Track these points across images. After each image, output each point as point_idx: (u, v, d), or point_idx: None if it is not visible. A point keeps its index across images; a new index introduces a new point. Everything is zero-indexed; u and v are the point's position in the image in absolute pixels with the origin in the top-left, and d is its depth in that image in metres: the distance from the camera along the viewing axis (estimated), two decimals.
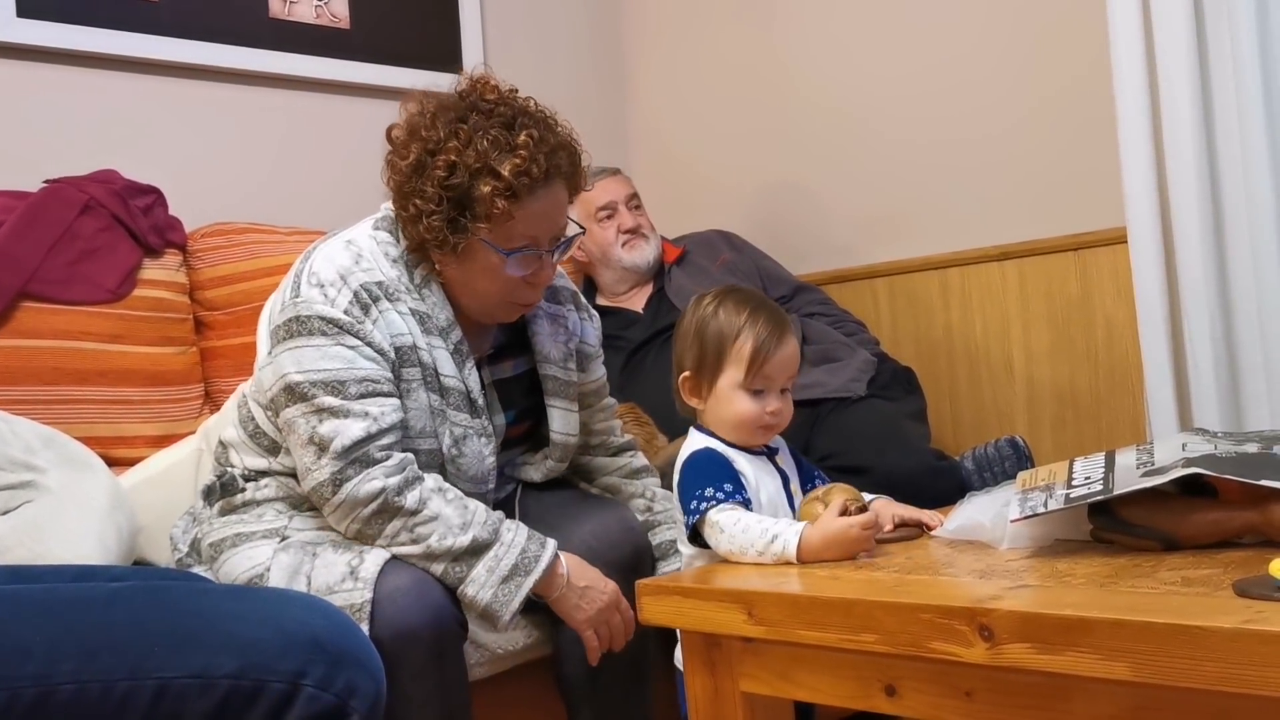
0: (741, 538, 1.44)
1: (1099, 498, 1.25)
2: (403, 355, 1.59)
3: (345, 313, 1.55)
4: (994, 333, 2.68)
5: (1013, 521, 1.31)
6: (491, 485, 1.70)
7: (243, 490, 1.67)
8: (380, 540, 1.53)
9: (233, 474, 1.69)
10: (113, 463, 1.93)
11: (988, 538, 1.38)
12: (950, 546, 1.42)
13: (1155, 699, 1.00)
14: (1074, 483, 1.30)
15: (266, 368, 1.60)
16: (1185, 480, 1.24)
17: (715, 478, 1.50)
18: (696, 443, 1.57)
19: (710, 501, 1.48)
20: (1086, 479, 1.30)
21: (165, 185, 2.30)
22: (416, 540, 1.52)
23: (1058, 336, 2.58)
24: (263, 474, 1.67)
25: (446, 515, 1.53)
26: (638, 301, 2.70)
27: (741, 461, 1.54)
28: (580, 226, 1.73)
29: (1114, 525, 1.26)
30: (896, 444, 2.24)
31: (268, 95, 2.66)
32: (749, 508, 1.48)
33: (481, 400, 1.65)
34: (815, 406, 2.32)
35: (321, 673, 1.03)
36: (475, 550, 1.53)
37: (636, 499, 1.86)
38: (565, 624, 1.62)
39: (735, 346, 1.53)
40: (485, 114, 1.58)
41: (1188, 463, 1.23)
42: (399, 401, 1.57)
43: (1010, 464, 2.22)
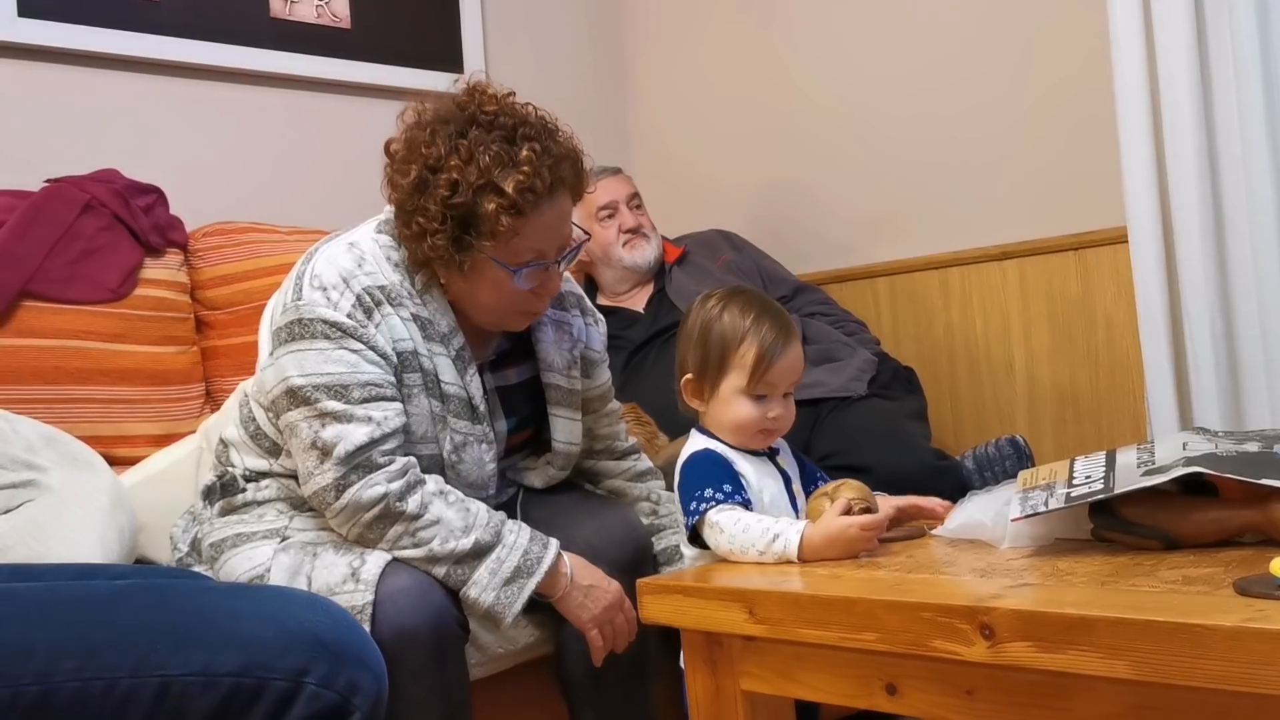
0: (742, 537, 1.43)
1: (1100, 497, 1.25)
2: (404, 360, 1.58)
3: (349, 316, 1.54)
4: (994, 332, 2.68)
5: (1013, 520, 1.31)
6: (492, 491, 1.69)
7: (243, 491, 1.67)
8: (382, 544, 1.53)
9: (233, 474, 1.69)
10: (114, 462, 1.93)
11: (988, 537, 1.38)
12: (951, 545, 1.42)
13: (1156, 697, 1.01)
14: (1075, 482, 1.30)
15: (268, 369, 1.59)
16: (1186, 479, 1.24)
17: (715, 479, 1.49)
18: (697, 444, 1.56)
19: (709, 502, 1.47)
20: (1087, 478, 1.30)
21: (166, 185, 2.31)
22: (418, 544, 1.52)
23: (1058, 336, 2.58)
24: (263, 475, 1.67)
25: (448, 519, 1.53)
26: (639, 301, 2.70)
27: (742, 463, 1.53)
28: (585, 232, 1.72)
29: (1115, 524, 1.26)
30: (897, 443, 2.24)
31: (269, 95, 2.67)
32: (749, 508, 1.48)
33: (483, 407, 1.64)
34: (816, 406, 2.32)
35: (324, 671, 1.03)
36: (478, 553, 1.53)
37: (641, 502, 1.85)
38: (567, 624, 1.62)
39: (739, 352, 1.51)
40: (485, 126, 1.54)
41: (1188, 462, 1.23)
42: (401, 406, 1.56)
43: (1011, 463, 2.22)
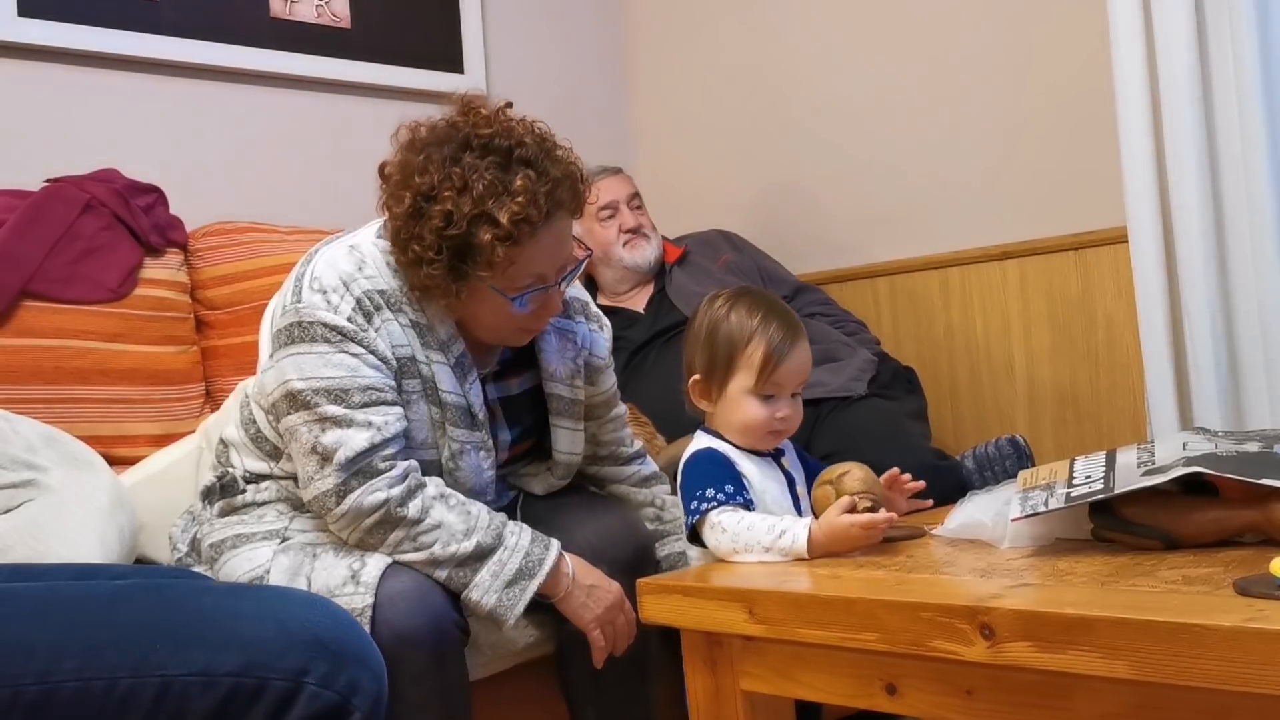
0: (747, 535, 1.43)
1: (1100, 497, 1.25)
2: (403, 366, 1.57)
3: (349, 320, 1.52)
4: (994, 332, 2.68)
5: (1013, 520, 1.31)
6: (490, 497, 1.68)
7: (243, 492, 1.67)
8: (383, 548, 1.52)
9: (233, 475, 1.68)
10: (114, 462, 1.93)
11: (988, 537, 1.38)
12: (951, 545, 1.42)
13: (1156, 697, 1.01)
14: (1075, 482, 1.30)
15: (268, 371, 1.58)
16: (1186, 479, 1.24)
17: (716, 479, 1.49)
18: (701, 443, 1.56)
19: (710, 502, 1.47)
20: (1087, 478, 1.30)
21: (166, 184, 2.31)
22: (420, 548, 1.51)
23: (1058, 336, 2.58)
24: (263, 477, 1.67)
25: (449, 522, 1.52)
26: (639, 301, 2.70)
27: (746, 463, 1.53)
28: (587, 248, 1.70)
29: (1115, 524, 1.26)
30: (897, 443, 2.24)
31: (269, 95, 2.67)
32: (749, 509, 1.48)
33: (482, 415, 1.63)
34: (816, 406, 2.32)
35: (324, 670, 1.03)
36: (479, 555, 1.53)
37: (646, 508, 1.85)
38: (568, 624, 1.62)
39: (747, 352, 1.51)
40: (480, 151, 1.51)
41: (1189, 462, 1.23)
42: (402, 410, 1.56)
43: (1011, 463, 2.22)
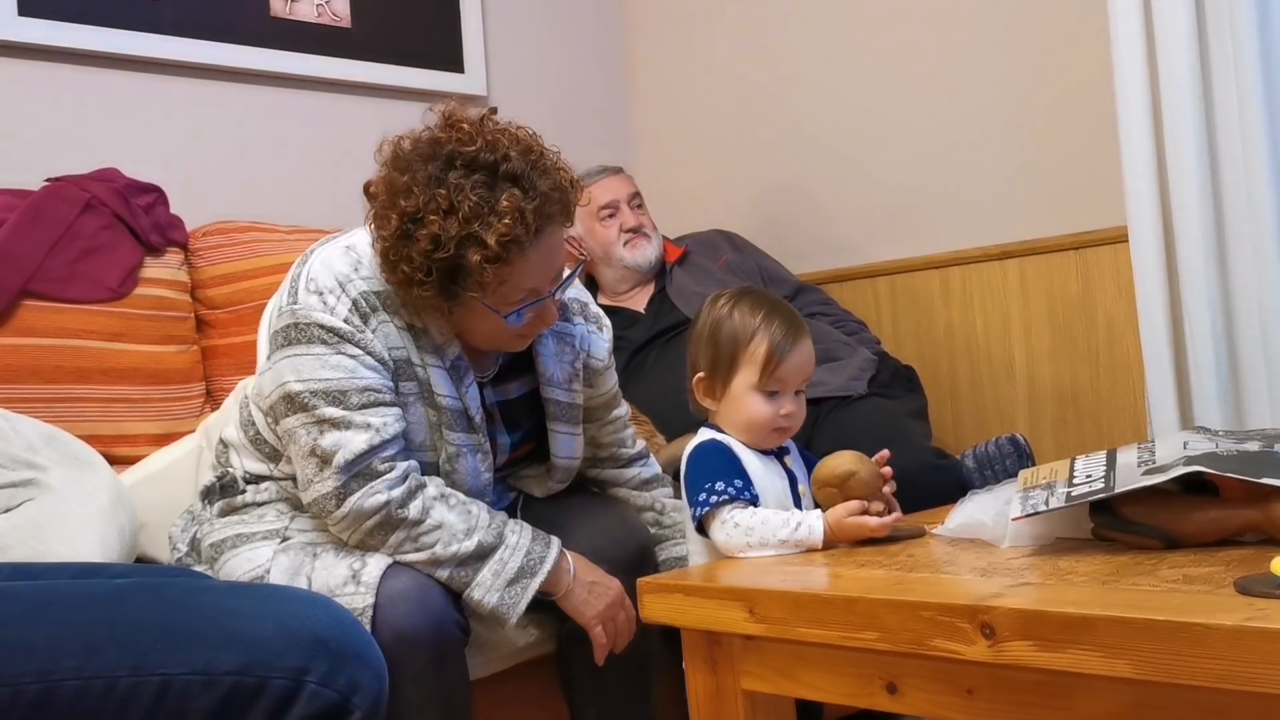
0: (762, 529, 1.45)
1: (1100, 496, 1.25)
2: (399, 368, 1.56)
3: (345, 321, 1.52)
4: (995, 332, 2.68)
5: (1014, 520, 1.31)
6: (488, 499, 1.68)
7: (243, 492, 1.67)
8: (385, 549, 1.52)
9: (233, 475, 1.68)
10: (114, 461, 1.93)
11: (989, 536, 1.39)
12: (952, 545, 1.42)
13: (1157, 696, 1.01)
14: (1075, 481, 1.30)
15: (266, 373, 1.58)
16: (1187, 479, 1.24)
17: (725, 472, 1.50)
18: (705, 436, 1.57)
19: (720, 495, 1.48)
20: (1088, 477, 1.30)
21: (166, 184, 2.31)
22: (420, 549, 1.51)
23: (1059, 335, 2.58)
24: (263, 478, 1.67)
25: (450, 522, 1.52)
26: (639, 301, 2.69)
27: (750, 458, 1.54)
28: (581, 254, 1.69)
29: (1115, 523, 1.26)
30: (897, 442, 2.21)
31: (269, 94, 2.67)
32: (755, 505, 1.49)
33: (479, 418, 1.62)
34: (816, 405, 2.32)
35: (324, 669, 1.03)
36: (480, 555, 1.53)
37: (646, 512, 1.85)
38: (568, 622, 1.62)
39: (750, 348, 1.53)
40: (465, 168, 1.47)
41: (1189, 461, 1.23)
42: (400, 411, 1.55)
43: (1011, 462, 2.21)
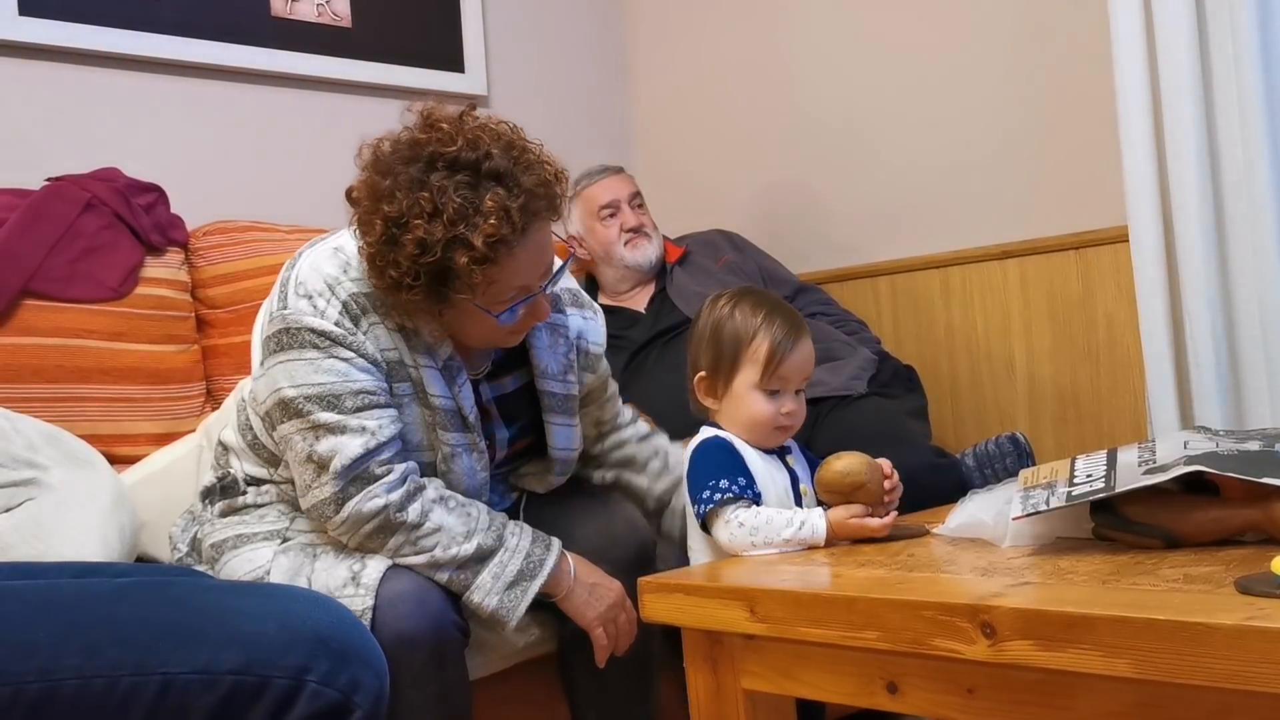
0: (766, 528, 1.46)
1: (1101, 495, 1.25)
2: (392, 370, 1.55)
3: (336, 324, 1.50)
4: (995, 331, 2.68)
5: (1015, 519, 1.31)
6: (485, 498, 1.67)
7: (244, 494, 1.66)
8: (384, 552, 1.52)
9: (234, 476, 1.68)
10: (115, 460, 1.93)
11: (989, 535, 1.39)
12: (952, 544, 1.42)
13: (1157, 696, 1.01)
14: (1076, 481, 1.30)
15: (260, 380, 1.56)
16: (1187, 478, 1.24)
17: (729, 470, 1.51)
18: (708, 434, 1.57)
19: (724, 493, 1.49)
20: (1088, 477, 1.30)
21: (167, 183, 2.31)
22: (420, 551, 1.51)
23: (1059, 335, 2.58)
24: (262, 481, 1.66)
25: (449, 525, 1.52)
26: (640, 301, 2.69)
27: (753, 456, 1.54)
28: (573, 244, 1.69)
29: (1116, 523, 1.26)
30: (897, 441, 2.23)
31: (269, 94, 2.67)
32: (758, 504, 1.50)
33: (473, 417, 1.61)
34: (817, 405, 2.32)
35: (325, 668, 1.03)
36: (480, 557, 1.52)
37: (652, 461, 1.87)
38: (569, 623, 1.61)
39: (751, 347, 1.54)
40: (447, 169, 1.45)
41: (1189, 460, 1.23)
42: (396, 412, 1.54)
43: (1011, 460, 2.21)
